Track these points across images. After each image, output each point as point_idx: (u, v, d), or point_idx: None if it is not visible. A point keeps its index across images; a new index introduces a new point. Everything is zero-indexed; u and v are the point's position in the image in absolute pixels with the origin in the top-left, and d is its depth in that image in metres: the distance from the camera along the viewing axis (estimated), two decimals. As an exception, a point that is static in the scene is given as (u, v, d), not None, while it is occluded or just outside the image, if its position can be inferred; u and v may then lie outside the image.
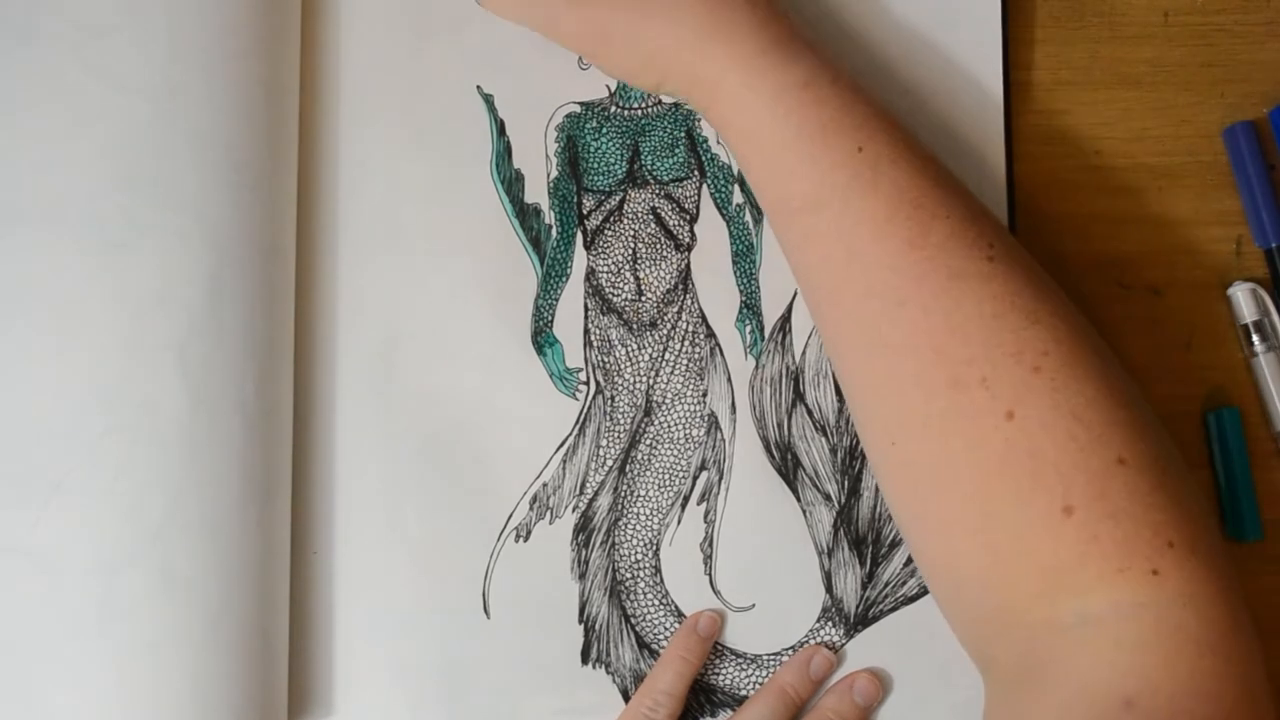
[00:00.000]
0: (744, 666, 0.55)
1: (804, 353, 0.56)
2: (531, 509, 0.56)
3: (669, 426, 0.56)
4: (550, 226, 0.57)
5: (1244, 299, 0.56)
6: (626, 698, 0.55)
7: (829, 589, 0.55)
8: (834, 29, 0.58)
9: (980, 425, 0.44)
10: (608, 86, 0.58)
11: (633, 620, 0.55)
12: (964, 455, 0.45)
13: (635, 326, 0.57)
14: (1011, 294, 0.46)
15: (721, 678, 0.55)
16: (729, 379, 0.57)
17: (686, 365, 0.57)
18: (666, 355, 0.57)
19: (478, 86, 0.58)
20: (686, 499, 0.56)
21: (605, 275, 0.57)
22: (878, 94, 0.50)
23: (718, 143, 0.57)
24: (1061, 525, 0.43)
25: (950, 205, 0.47)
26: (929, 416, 0.45)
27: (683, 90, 0.52)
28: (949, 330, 0.45)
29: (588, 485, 0.56)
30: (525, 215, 0.57)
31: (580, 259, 0.57)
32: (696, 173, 0.57)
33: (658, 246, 0.57)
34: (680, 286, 0.57)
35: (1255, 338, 0.56)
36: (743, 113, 0.49)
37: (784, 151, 0.48)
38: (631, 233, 0.57)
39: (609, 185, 0.58)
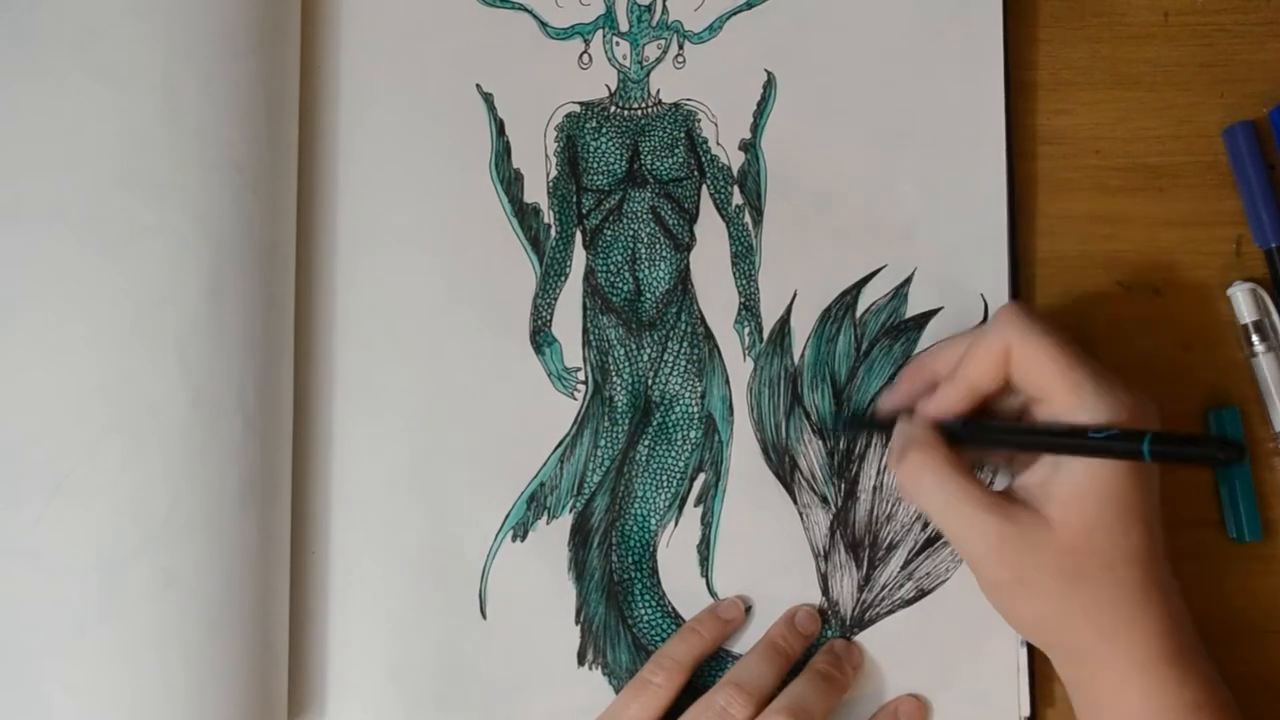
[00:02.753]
0: (740, 668, 0.55)
1: (802, 355, 0.56)
2: (529, 508, 0.56)
3: (667, 427, 0.56)
4: (549, 226, 0.57)
5: (1243, 299, 0.56)
6: (623, 699, 0.55)
7: (825, 592, 0.55)
8: (836, 29, 0.57)
9: None
10: (607, 86, 0.58)
11: (629, 621, 0.55)
12: None
13: (634, 326, 0.57)
14: None
15: (718, 679, 0.55)
16: (727, 380, 0.57)
17: (685, 366, 0.57)
18: (665, 355, 0.57)
19: (477, 85, 0.58)
20: (684, 500, 0.56)
21: (604, 275, 0.57)
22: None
23: (717, 143, 0.57)
24: None
25: None
26: None
27: (1063, 657, 0.50)
28: None
29: (585, 485, 0.56)
30: (524, 215, 0.57)
31: (579, 258, 0.57)
32: (696, 173, 0.57)
33: (657, 246, 0.57)
34: (679, 287, 0.57)
35: (1255, 337, 0.56)
36: (1129, 713, 0.48)
37: None
38: (631, 232, 0.57)
39: (608, 185, 0.58)
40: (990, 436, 0.51)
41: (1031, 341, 0.48)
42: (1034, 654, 0.54)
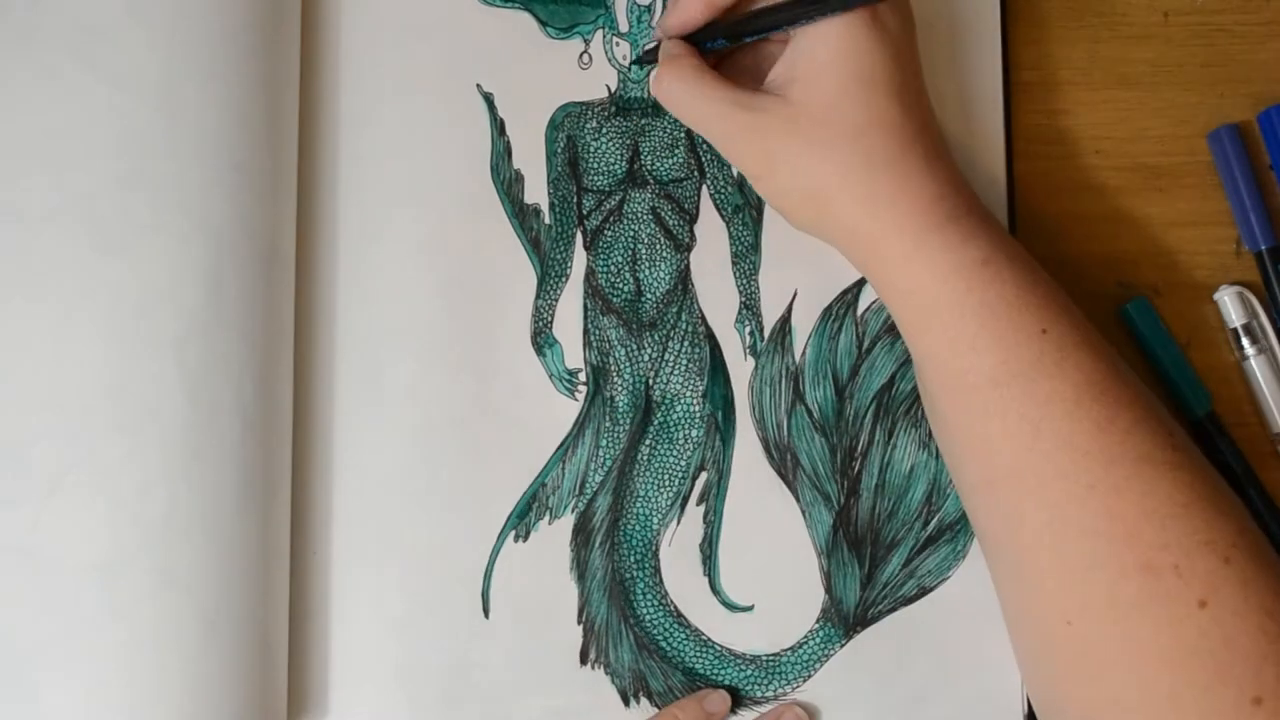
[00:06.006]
0: (743, 668, 0.55)
1: (804, 353, 0.56)
2: (531, 509, 0.56)
3: (668, 427, 0.56)
4: (550, 227, 0.57)
5: (1231, 303, 0.56)
6: (625, 699, 0.55)
7: (828, 590, 0.55)
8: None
9: (1172, 612, 0.45)
10: (607, 86, 0.58)
11: (632, 621, 0.55)
12: (1153, 640, 0.45)
13: (635, 327, 0.57)
14: (1199, 482, 0.46)
15: (721, 679, 0.55)
16: (728, 379, 0.57)
17: (686, 365, 0.57)
18: (666, 355, 0.57)
19: (478, 85, 0.58)
20: (686, 499, 0.56)
21: (605, 276, 0.57)
22: (1048, 275, 0.50)
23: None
24: (1250, 715, 0.44)
25: (1133, 392, 0.48)
26: (1115, 600, 0.45)
27: (840, 240, 0.51)
28: (1142, 515, 0.45)
29: (587, 485, 0.56)
30: (525, 215, 0.57)
31: (580, 259, 0.57)
32: (696, 173, 0.57)
33: (657, 247, 0.57)
34: (680, 287, 0.57)
35: (1245, 341, 0.56)
36: (915, 283, 0.49)
37: (962, 327, 0.48)
38: (631, 233, 0.57)
39: (609, 185, 0.58)
40: (726, 30, 0.52)
41: None
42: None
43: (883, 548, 0.55)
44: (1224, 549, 0.45)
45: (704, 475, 0.56)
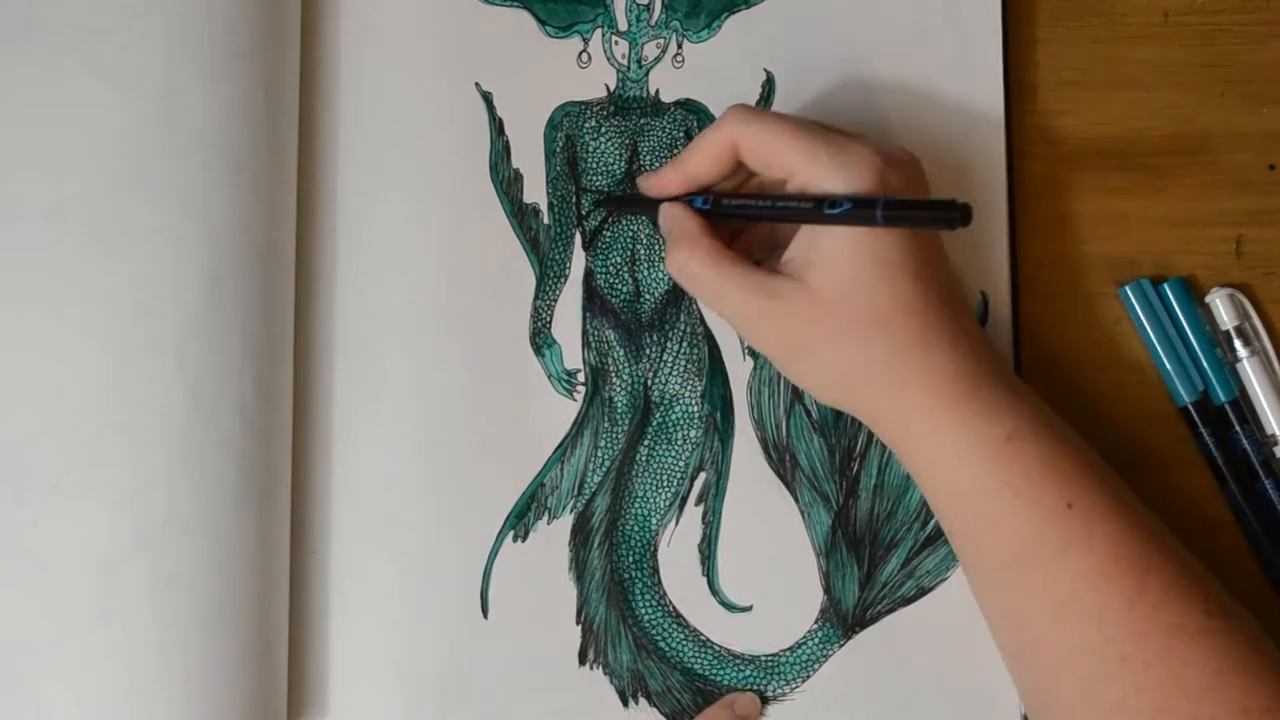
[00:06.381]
0: (742, 668, 0.55)
1: (802, 354, 0.56)
2: (530, 509, 0.56)
3: (667, 427, 0.56)
4: (549, 227, 0.57)
5: (1223, 305, 0.56)
6: (624, 699, 0.55)
7: (827, 590, 0.55)
8: (835, 29, 0.57)
9: None
10: (606, 85, 0.58)
11: (630, 621, 0.55)
12: None
13: (633, 327, 0.57)
14: (1234, 647, 0.46)
15: (720, 679, 0.55)
16: (727, 380, 0.56)
17: (684, 366, 0.57)
18: (665, 356, 0.57)
19: (476, 84, 0.58)
20: (684, 500, 0.56)
21: (604, 276, 0.57)
22: (1080, 440, 0.49)
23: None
24: None
25: (1165, 558, 0.47)
26: None
27: (867, 417, 0.51)
28: (1174, 688, 0.45)
29: (586, 485, 0.56)
30: (524, 215, 0.57)
31: (579, 260, 0.57)
32: (696, 173, 0.57)
33: (656, 248, 0.57)
34: (678, 288, 0.57)
35: (1238, 343, 0.56)
36: (940, 460, 0.49)
37: (987, 505, 0.48)
38: (630, 234, 0.57)
39: (608, 185, 0.58)
40: (732, 210, 0.51)
41: (756, 127, 0.50)
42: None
43: (881, 548, 0.55)
44: (1259, 715, 0.45)
45: (703, 475, 0.56)
